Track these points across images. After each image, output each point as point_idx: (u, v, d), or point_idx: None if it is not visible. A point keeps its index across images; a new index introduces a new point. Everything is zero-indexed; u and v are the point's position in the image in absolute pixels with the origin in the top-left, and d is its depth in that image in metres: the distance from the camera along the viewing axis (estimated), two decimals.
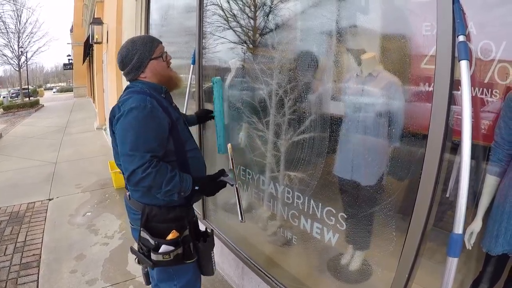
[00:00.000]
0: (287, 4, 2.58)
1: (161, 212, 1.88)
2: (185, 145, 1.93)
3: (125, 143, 1.71)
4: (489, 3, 1.53)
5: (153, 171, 1.66)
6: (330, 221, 2.23)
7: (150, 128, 1.72)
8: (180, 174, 1.78)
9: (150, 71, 1.91)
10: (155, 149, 1.73)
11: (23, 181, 6.40)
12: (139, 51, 1.88)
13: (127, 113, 1.72)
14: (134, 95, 1.81)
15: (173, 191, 1.74)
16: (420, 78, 1.71)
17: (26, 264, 3.58)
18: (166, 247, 1.82)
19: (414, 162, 1.67)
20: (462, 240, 1.33)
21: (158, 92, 1.92)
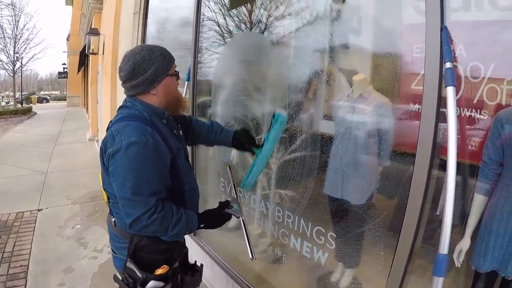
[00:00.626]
0: (282, 22, 2.64)
1: (151, 243, 1.67)
2: (184, 178, 1.73)
3: (125, 186, 1.48)
4: (478, 25, 1.58)
5: (158, 216, 1.48)
6: (319, 240, 2.26)
7: (153, 168, 1.51)
8: (185, 214, 1.61)
9: (163, 89, 1.65)
10: (160, 191, 1.53)
11: (12, 190, 6.34)
12: (158, 62, 1.60)
13: (125, 148, 1.46)
14: (132, 122, 1.54)
15: (180, 234, 1.61)
16: (410, 98, 1.76)
17: (13, 275, 3.54)
18: (155, 283, 1.63)
19: (404, 180, 1.72)
20: (447, 260, 1.38)
21: (160, 117, 1.67)
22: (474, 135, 1.67)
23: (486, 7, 1.53)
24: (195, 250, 3.61)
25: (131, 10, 5.94)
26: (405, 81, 1.84)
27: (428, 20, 1.55)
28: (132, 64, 1.58)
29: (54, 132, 14.12)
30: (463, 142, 1.68)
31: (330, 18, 2.27)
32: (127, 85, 1.64)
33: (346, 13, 2.20)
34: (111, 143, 1.51)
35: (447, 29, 1.48)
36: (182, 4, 4.19)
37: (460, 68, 1.59)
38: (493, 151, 1.61)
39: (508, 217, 1.55)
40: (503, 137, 1.57)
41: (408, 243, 1.61)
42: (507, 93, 1.51)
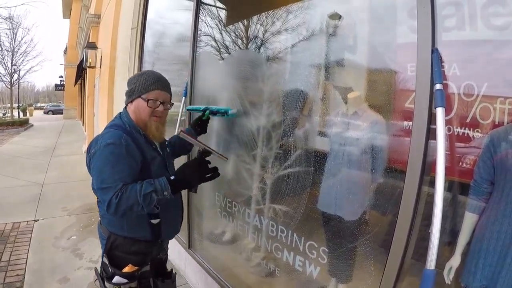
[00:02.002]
0: (278, 38, 2.67)
1: (125, 243, 1.87)
2: None
3: (100, 177, 1.70)
4: (472, 44, 1.59)
5: (122, 192, 1.63)
6: (312, 254, 2.27)
7: (124, 163, 1.72)
8: (150, 181, 1.71)
9: (134, 107, 1.90)
10: (128, 181, 1.69)
11: (9, 200, 6.34)
12: (136, 83, 1.89)
13: (103, 147, 1.71)
14: (112, 130, 1.81)
15: (150, 191, 1.65)
16: (404, 116, 1.78)
17: (9, 284, 3.55)
18: (119, 278, 1.80)
19: (396, 197, 1.72)
20: (434, 275, 1.40)
21: (137, 131, 1.89)
22: (468, 153, 1.67)
23: (480, 27, 1.54)
24: (190, 262, 3.64)
25: (128, 25, 5.99)
26: (400, 99, 1.84)
27: (419, 42, 1.58)
28: (130, 78, 1.96)
29: (51, 144, 14.10)
30: (453, 160, 1.68)
31: (326, 35, 2.29)
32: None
33: (341, 30, 2.21)
34: (94, 145, 1.77)
35: (438, 51, 1.51)
36: (179, 19, 4.24)
37: (453, 87, 1.59)
38: (484, 170, 1.61)
39: (498, 236, 1.54)
40: (494, 157, 1.57)
41: (397, 258, 1.63)
42: (501, 112, 1.50)
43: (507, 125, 1.51)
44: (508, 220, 1.52)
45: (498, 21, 1.50)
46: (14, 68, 28.68)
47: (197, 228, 3.66)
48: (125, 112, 1.95)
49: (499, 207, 1.56)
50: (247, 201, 2.89)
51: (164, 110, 1.94)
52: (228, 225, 3.18)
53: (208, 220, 3.55)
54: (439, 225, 1.39)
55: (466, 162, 1.69)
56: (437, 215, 1.40)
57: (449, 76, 1.59)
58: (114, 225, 1.88)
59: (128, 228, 1.86)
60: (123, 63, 6.35)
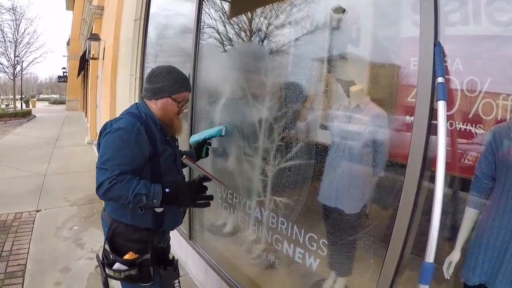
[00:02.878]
0: (281, 31, 2.66)
1: (127, 231, 1.89)
2: (162, 177, 1.92)
3: (102, 157, 1.74)
4: (476, 39, 1.58)
5: (118, 181, 1.67)
6: (311, 246, 2.28)
7: (129, 151, 1.76)
8: (146, 183, 1.73)
9: (161, 105, 1.94)
10: (126, 170, 1.72)
11: (11, 191, 6.37)
12: (165, 82, 1.91)
13: (114, 131, 1.78)
14: (127, 117, 1.86)
15: (141, 195, 1.68)
16: (406, 110, 1.76)
17: (11, 273, 3.58)
18: (119, 265, 1.83)
19: (397, 190, 1.71)
20: (433, 268, 1.41)
21: (155, 123, 1.93)
22: (470, 149, 1.67)
23: (484, 22, 1.53)
24: (190, 253, 3.66)
25: (132, 17, 5.98)
26: (402, 93, 1.84)
27: (422, 35, 1.57)
28: (152, 72, 1.96)
29: (53, 135, 14.12)
30: (454, 155, 1.68)
31: (329, 28, 2.28)
32: (144, 86, 2.00)
33: (345, 24, 2.20)
34: (109, 126, 1.84)
35: (440, 45, 1.50)
36: (182, 11, 4.24)
37: (456, 82, 1.59)
38: (486, 165, 1.61)
39: (498, 231, 1.55)
40: (495, 152, 1.57)
41: (397, 252, 1.64)
42: (503, 108, 1.50)
43: (509, 121, 1.51)
44: (509, 216, 1.52)
45: (502, 17, 1.49)
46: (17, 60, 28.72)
47: (198, 220, 3.68)
48: (143, 104, 1.99)
49: (500, 203, 1.56)
50: (248, 193, 2.89)
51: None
52: (229, 217, 3.19)
53: (209, 212, 3.56)
54: (439, 217, 1.39)
55: (467, 158, 1.69)
56: (437, 207, 1.40)
57: (452, 71, 1.58)
58: (117, 213, 1.91)
59: (131, 216, 1.88)
60: (126, 55, 6.35)
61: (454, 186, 1.75)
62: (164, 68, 1.96)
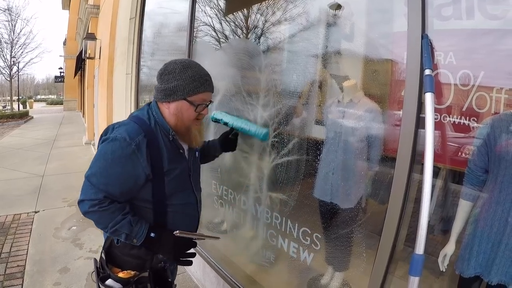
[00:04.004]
0: (277, 28, 2.67)
1: (125, 245, 1.64)
2: (167, 199, 1.65)
3: (91, 168, 1.52)
4: (469, 33, 1.58)
5: (99, 210, 1.48)
6: (305, 241, 2.29)
7: (119, 170, 1.50)
8: (134, 218, 1.54)
9: (175, 109, 1.60)
10: (113, 194, 1.51)
11: (9, 192, 6.37)
12: (182, 81, 1.56)
13: (110, 140, 1.50)
14: (132, 123, 1.56)
15: (121, 232, 1.52)
16: (399, 104, 1.76)
17: (10, 274, 3.59)
18: (112, 282, 1.63)
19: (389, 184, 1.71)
20: (423, 260, 1.41)
21: (166, 132, 1.62)
22: (464, 142, 1.68)
23: (477, 16, 1.53)
24: None
25: (127, 15, 5.97)
26: (395, 88, 1.85)
27: (410, 28, 1.57)
28: (164, 69, 1.60)
29: (51, 136, 14.09)
30: (444, 147, 1.69)
31: (324, 24, 2.29)
32: (155, 85, 1.64)
33: (340, 20, 2.21)
34: (110, 131, 1.55)
35: (428, 37, 1.50)
36: (178, 9, 4.23)
37: (449, 76, 1.60)
38: (479, 158, 1.63)
39: (492, 223, 1.56)
40: (488, 145, 1.59)
41: (388, 244, 1.65)
42: (497, 101, 1.51)
43: (504, 114, 1.52)
44: (502, 207, 1.54)
45: (495, 11, 1.50)
46: (14, 60, 28.66)
47: None
48: (155, 106, 1.66)
49: (493, 195, 1.58)
50: (244, 190, 2.90)
51: (207, 112, 1.70)
52: (226, 214, 3.20)
53: (206, 209, 3.56)
54: (428, 208, 1.40)
55: (461, 151, 1.71)
56: (426, 198, 1.40)
57: (446, 65, 1.59)
58: None
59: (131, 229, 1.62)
60: (122, 54, 6.34)
61: (449, 179, 1.77)
62: (179, 63, 1.58)
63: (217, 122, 2.12)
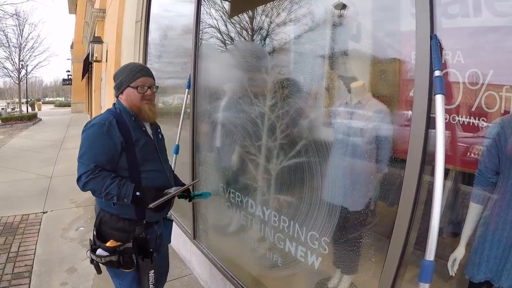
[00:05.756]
0: (283, 29, 2.65)
1: (111, 220, 2.06)
2: (140, 165, 2.09)
3: (80, 152, 1.97)
4: (477, 31, 1.56)
5: (93, 177, 1.89)
6: (313, 244, 2.27)
7: (101, 144, 1.96)
8: (121, 181, 1.94)
9: (125, 96, 2.14)
10: (101, 162, 1.94)
11: (18, 193, 6.42)
12: (123, 76, 2.13)
13: (89, 127, 2.00)
14: (104, 114, 2.11)
15: (112, 194, 1.91)
16: (408, 105, 1.74)
17: (18, 274, 3.61)
18: (101, 251, 2.00)
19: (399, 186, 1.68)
20: (433, 266, 1.37)
21: (128, 115, 2.12)
22: (473, 143, 1.65)
23: (485, 13, 1.50)
24: (195, 253, 3.68)
25: (133, 18, 6.01)
26: (403, 88, 1.81)
27: (418, 29, 1.54)
28: (115, 72, 2.20)
29: (59, 138, 14.20)
30: (455, 149, 1.67)
31: (330, 25, 2.27)
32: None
33: (346, 20, 2.18)
34: (87, 125, 2.05)
35: (437, 37, 1.47)
36: (183, 12, 4.24)
37: (458, 75, 1.57)
38: (489, 159, 1.59)
39: (503, 227, 1.53)
40: (498, 146, 1.55)
41: (398, 247, 1.62)
42: (506, 100, 1.48)
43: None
44: None
45: (503, 7, 1.47)
46: (22, 64, 28.96)
47: (202, 219, 3.69)
48: (117, 101, 2.20)
49: (504, 198, 1.55)
50: (252, 192, 2.89)
51: (152, 93, 2.19)
52: (233, 216, 3.19)
53: (213, 211, 3.57)
54: (439, 214, 1.36)
55: (470, 152, 1.68)
56: (437, 203, 1.37)
57: (454, 64, 1.56)
58: (104, 203, 2.07)
59: (116, 206, 2.04)
60: (128, 57, 6.36)
61: (458, 181, 1.74)
62: (121, 66, 2.23)
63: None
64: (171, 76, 4.72)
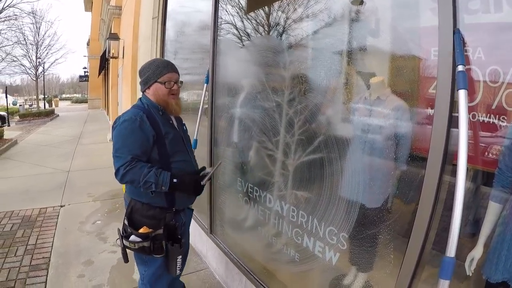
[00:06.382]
0: (299, 24, 2.64)
1: (142, 208, 2.21)
2: (170, 157, 2.23)
3: (115, 146, 2.11)
4: (498, 27, 1.52)
5: (131, 167, 2.02)
6: (331, 240, 2.26)
7: (135, 138, 2.09)
8: (157, 170, 2.08)
9: (152, 91, 2.27)
10: (137, 154, 2.07)
11: (36, 187, 6.53)
12: (150, 71, 2.25)
13: (121, 123, 2.12)
14: (132, 109, 2.23)
15: (150, 182, 2.04)
16: (428, 102, 1.72)
17: (36, 266, 3.68)
18: (134, 237, 2.14)
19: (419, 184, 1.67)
20: (454, 263, 1.36)
21: (156, 109, 2.25)
22: (493, 142, 1.62)
23: (506, 9, 1.46)
24: (211, 247, 3.70)
25: (150, 15, 6.04)
26: (423, 84, 1.78)
27: (441, 23, 1.52)
28: (140, 68, 2.33)
29: (76, 133, 14.38)
30: (477, 147, 1.63)
31: (348, 20, 2.25)
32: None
33: (364, 15, 2.15)
34: (117, 121, 2.17)
35: (460, 32, 1.44)
36: (200, 8, 4.26)
37: (478, 72, 1.54)
38: (510, 158, 1.54)
39: None
40: None
41: (417, 247, 1.60)
42: None
43: None
44: None
45: None
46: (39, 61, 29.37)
47: (218, 214, 3.71)
48: (144, 96, 2.31)
49: None
50: (269, 187, 2.89)
51: (178, 88, 2.33)
52: (250, 211, 3.21)
53: (230, 206, 3.59)
54: (460, 210, 1.34)
55: (490, 151, 1.64)
56: (459, 200, 1.35)
57: (474, 61, 1.53)
58: (135, 192, 2.23)
59: (146, 196, 2.18)
60: (145, 53, 6.42)
61: (477, 181, 1.70)
62: (147, 62, 2.34)
63: None
64: (188, 72, 4.72)
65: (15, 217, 5.08)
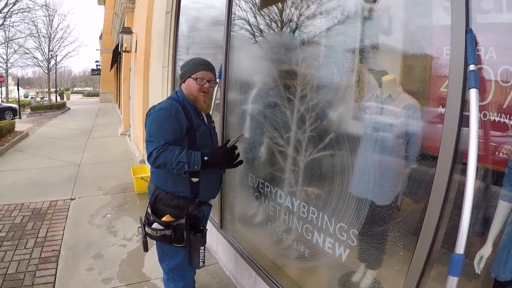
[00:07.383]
0: (312, 22, 2.63)
1: (166, 197, 2.32)
2: (200, 148, 2.31)
3: (149, 132, 2.21)
4: (510, 28, 1.51)
5: (163, 150, 2.10)
6: (342, 236, 2.27)
7: (170, 125, 2.20)
8: (188, 150, 2.17)
9: (186, 85, 2.43)
10: (170, 140, 2.17)
11: (47, 180, 6.59)
12: (187, 67, 2.43)
13: (157, 111, 2.25)
14: (168, 100, 2.38)
15: (183, 162, 2.10)
16: (439, 101, 1.72)
17: (45, 258, 3.72)
18: (157, 225, 2.25)
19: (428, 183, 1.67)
20: (463, 260, 1.36)
21: (189, 103, 2.39)
22: (504, 141, 1.61)
23: None
24: (221, 242, 3.72)
25: (163, 9, 6.05)
26: (435, 83, 1.78)
27: (453, 22, 1.51)
28: (181, 65, 2.51)
29: (87, 127, 14.49)
30: (487, 146, 1.63)
31: (360, 18, 2.24)
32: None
33: (376, 13, 2.15)
34: (152, 109, 2.32)
35: (472, 31, 1.44)
36: (213, 3, 4.26)
37: (490, 72, 1.53)
38: None
39: None
40: None
41: (426, 245, 1.60)
42: None
43: None
44: None
45: None
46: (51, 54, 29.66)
47: (229, 209, 3.72)
48: (179, 89, 2.48)
49: None
50: (280, 183, 2.89)
51: (210, 87, 2.43)
52: (260, 207, 3.20)
53: (241, 201, 3.60)
54: (470, 207, 1.35)
55: (501, 150, 1.64)
56: (468, 198, 1.35)
57: (486, 60, 1.53)
58: (160, 181, 2.36)
59: (172, 184, 2.32)
60: (158, 47, 6.42)
61: (487, 180, 1.70)
62: (188, 59, 2.50)
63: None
64: None
65: (26, 210, 5.13)
